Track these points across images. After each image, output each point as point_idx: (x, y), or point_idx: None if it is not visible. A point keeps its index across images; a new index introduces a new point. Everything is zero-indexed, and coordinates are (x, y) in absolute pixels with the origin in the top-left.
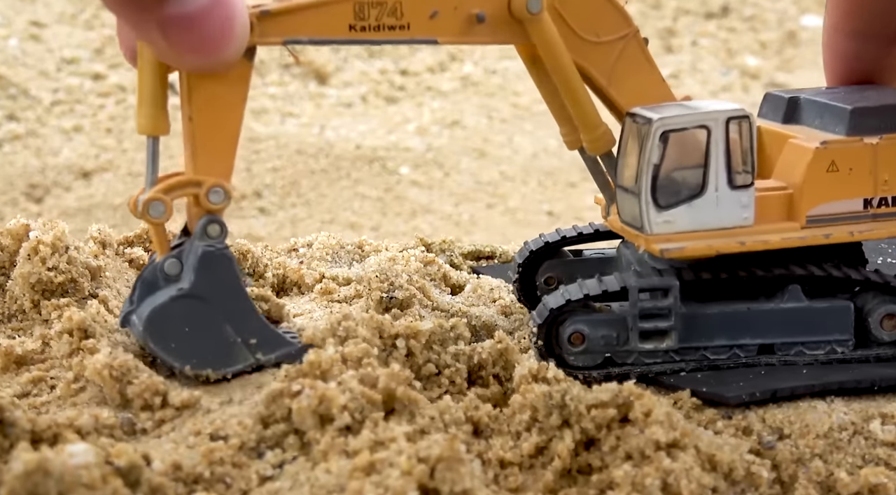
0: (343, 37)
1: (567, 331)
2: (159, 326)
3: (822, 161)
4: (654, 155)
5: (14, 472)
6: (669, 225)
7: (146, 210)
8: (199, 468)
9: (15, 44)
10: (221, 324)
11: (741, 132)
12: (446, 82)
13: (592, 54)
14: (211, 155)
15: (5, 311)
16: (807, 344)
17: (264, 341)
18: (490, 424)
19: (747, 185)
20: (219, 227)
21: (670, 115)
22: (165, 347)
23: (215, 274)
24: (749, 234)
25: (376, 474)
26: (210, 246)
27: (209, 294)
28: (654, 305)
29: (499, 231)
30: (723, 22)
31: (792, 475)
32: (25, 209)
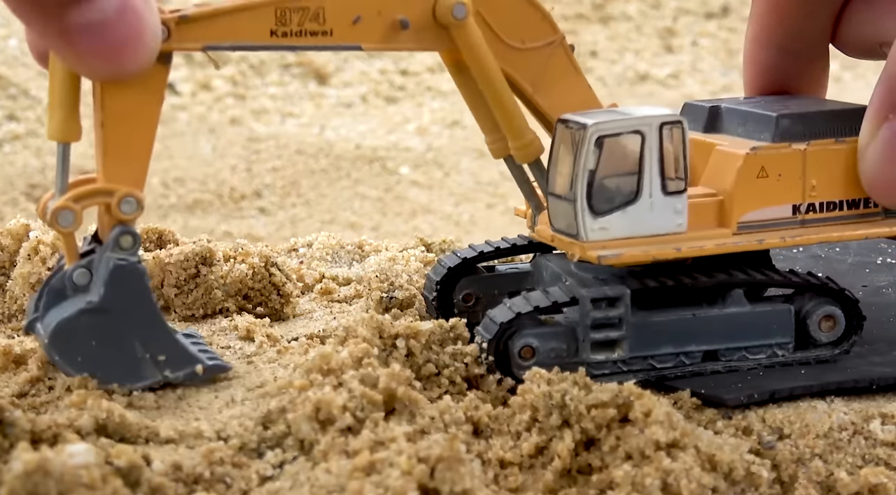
0: (265, 42)
1: (517, 344)
2: (65, 339)
3: (752, 167)
4: (589, 160)
5: (14, 472)
6: (605, 231)
7: (55, 219)
8: (199, 468)
9: (15, 44)
10: (131, 339)
11: (674, 138)
12: (446, 82)
13: (518, 61)
14: (123, 163)
15: (5, 311)
16: (749, 348)
17: (173, 358)
18: (490, 424)
19: (680, 192)
20: (131, 239)
21: (604, 120)
22: (71, 361)
23: (126, 288)
24: (683, 241)
25: (376, 474)
26: (122, 259)
27: (119, 308)
28: (605, 315)
29: (499, 231)
30: (723, 22)
31: (792, 475)
32: (25, 209)
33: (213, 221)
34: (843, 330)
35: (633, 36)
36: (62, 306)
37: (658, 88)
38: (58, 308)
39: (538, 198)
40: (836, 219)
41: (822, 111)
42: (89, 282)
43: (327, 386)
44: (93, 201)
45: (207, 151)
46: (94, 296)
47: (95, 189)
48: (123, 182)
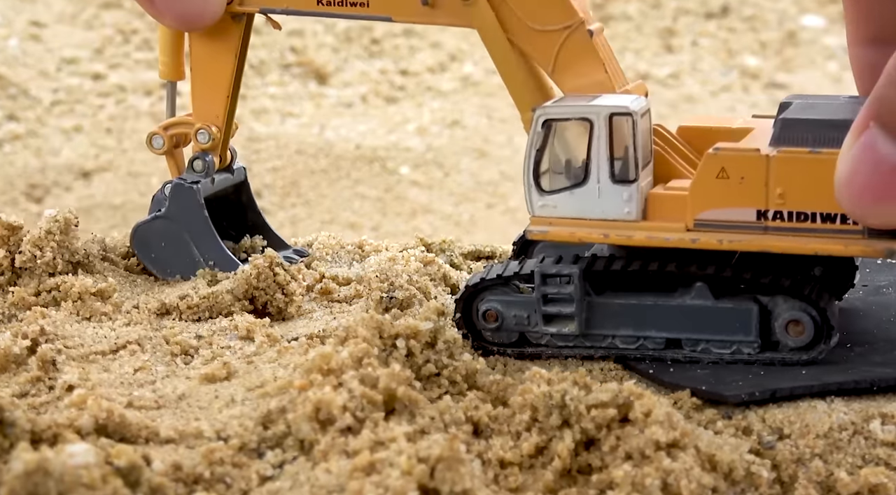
0: (312, 9)
1: (482, 307)
2: (141, 239)
3: (712, 166)
4: (536, 141)
5: (14, 472)
6: (551, 209)
7: (149, 141)
8: (199, 468)
9: (15, 44)
10: (188, 244)
11: (625, 128)
12: (446, 82)
13: (536, 41)
14: (203, 101)
15: (5, 311)
16: (712, 342)
17: (219, 263)
18: (490, 424)
19: (630, 181)
20: (202, 163)
21: (554, 105)
22: (147, 257)
23: (182, 202)
24: (618, 228)
25: (376, 474)
26: (182, 179)
27: (179, 218)
28: (557, 291)
29: (499, 231)
30: (723, 22)
31: (792, 475)
32: (25, 209)
33: None
34: (812, 337)
35: (633, 36)
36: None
37: (658, 88)
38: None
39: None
40: (807, 230)
41: (828, 119)
42: None
43: (327, 386)
44: (177, 130)
45: None
46: (164, 207)
47: (181, 120)
48: (203, 117)
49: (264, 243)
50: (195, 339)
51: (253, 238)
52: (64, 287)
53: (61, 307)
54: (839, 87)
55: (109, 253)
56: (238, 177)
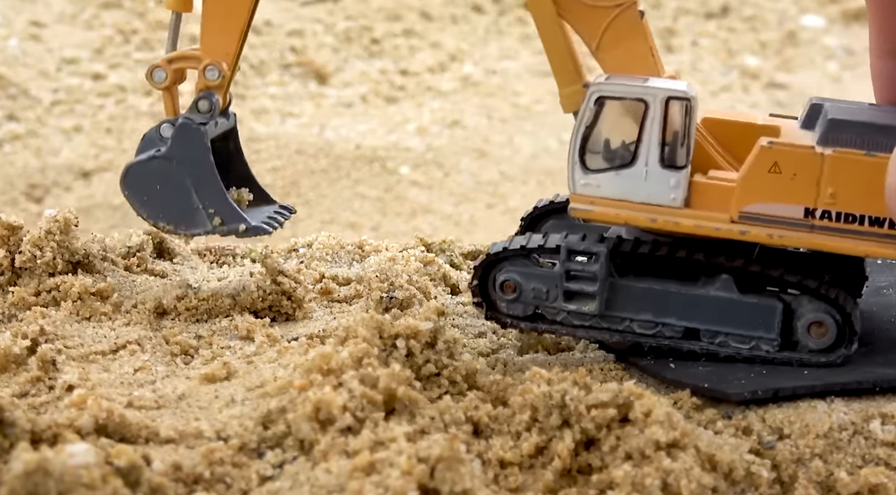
0: None
1: (500, 277)
2: (134, 179)
3: (765, 160)
4: (586, 117)
5: (14, 472)
6: (594, 188)
7: (150, 74)
8: (199, 468)
9: (15, 44)
10: (188, 190)
11: (681, 113)
12: (446, 82)
13: (586, 16)
14: (215, 35)
15: (5, 311)
16: (731, 335)
17: (221, 213)
18: (490, 424)
19: (680, 167)
20: (208, 104)
21: (610, 83)
22: (139, 199)
23: (187, 144)
24: (664, 214)
25: (376, 474)
26: (188, 118)
27: (181, 160)
28: (582, 268)
29: (499, 231)
30: (723, 22)
31: (792, 475)
32: (25, 209)
33: None
34: (834, 340)
35: None
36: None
37: None
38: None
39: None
40: (853, 232)
41: (877, 123)
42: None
43: (327, 386)
44: (183, 64)
45: None
46: (164, 146)
47: (187, 54)
48: (213, 53)
49: (250, 197)
50: (195, 339)
51: (240, 190)
52: (64, 287)
53: (61, 307)
54: (839, 86)
55: (109, 253)
56: (231, 123)
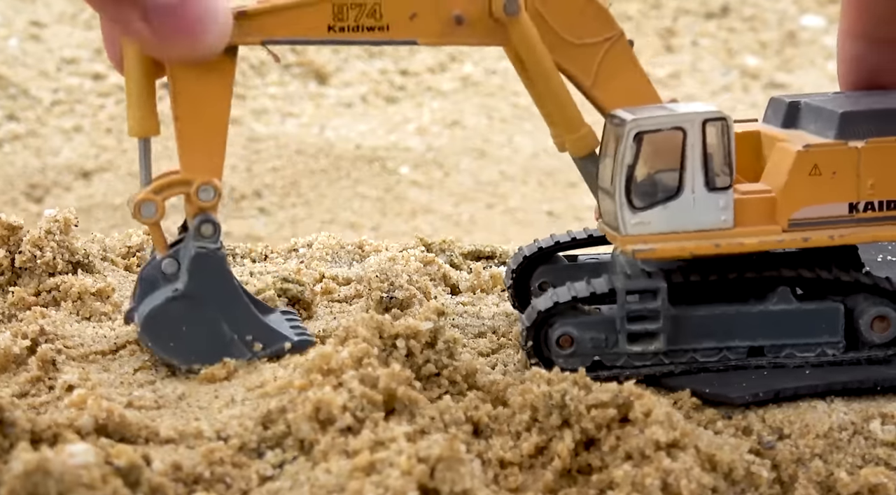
0: (322, 37)
1: (555, 333)
2: (156, 327)
3: (804, 164)
4: (627, 156)
5: (14, 472)
6: (645, 226)
7: (138, 210)
8: (199, 468)
9: (15, 44)
10: (218, 322)
11: (718, 134)
12: (446, 82)
13: (575, 56)
14: (198, 153)
15: (5, 311)
16: (796, 346)
17: (260, 336)
18: (490, 424)
19: (725, 188)
20: (212, 227)
21: (645, 116)
22: (164, 347)
23: (208, 274)
24: (725, 237)
25: (376, 474)
26: (202, 247)
27: (203, 294)
28: (643, 307)
29: (499, 231)
30: (723, 22)
31: (792, 475)
32: (25, 209)
33: None
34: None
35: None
36: (154, 295)
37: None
38: (150, 297)
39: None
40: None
41: (887, 109)
42: (177, 270)
43: (327, 386)
44: (172, 191)
45: None
46: (180, 283)
47: (175, 180)
48: (201, 171)
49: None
50: None
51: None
52: (64, 287)
53: (61, 307)
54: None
55: (109, 253)
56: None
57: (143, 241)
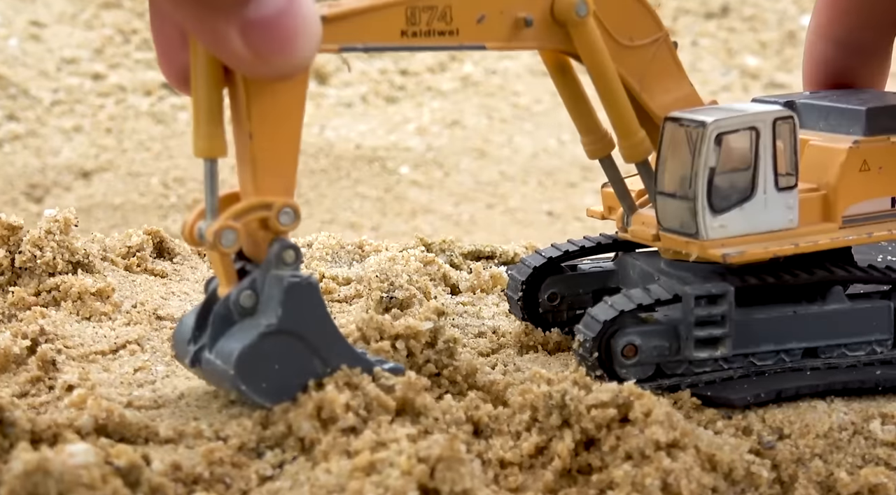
0: (395, 43)
1: (620, 343)
2: (251, 366)
3: (855, 160)
4: (710, 158)
5: (14, 472)
6: (724, 229)
7: (217, 240)
8: (199, 468)
9: (15, 44)
10: (311, 357)
11: (788, 133)
12: (446, 82)
13: (627, 58)
14: (275, 172)
15: (5, 311)
16: (849, 345)
17: (356, 367)
18: (490, 424)
19: (792, 187)
20: (293, 253)
21: (722, 117)
22: (257, 388)
23: (303, 306)
24: (798, 236)
25: (376, 474)
26: (295, 276)
27: (298, 327)
28: (709, 312)
29: (499, 231)
30: (723, 22)
31: (792, 475)
32: (25, 209)
33: None
34: None
35: None
36: (233, 333)
37: None
38: (228, 335)
39: (632, 199)
40: None
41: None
42: (256, 303)
43: (330, 385)
44: (252, 216)
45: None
46: (271, 317)
47: (253, 204)
48: (277, 192)
49: None
50: None
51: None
52: (64, 287)
53: (61, 307)
54: None
55: (109, 253)
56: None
57: (143, 241)
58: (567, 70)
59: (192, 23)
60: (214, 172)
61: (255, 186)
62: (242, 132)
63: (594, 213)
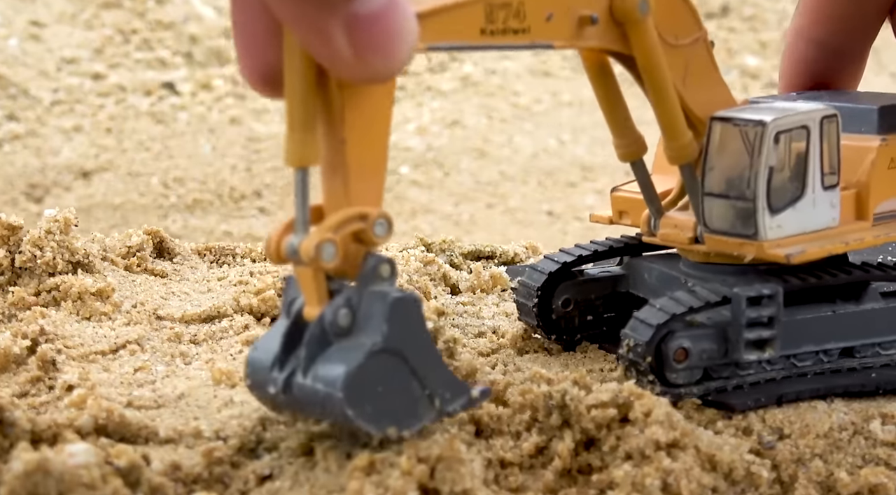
0: (475, 41)
1: (672, 347)
2: (358, 389)
3: (884, 158)
4: (770, 158)
5: (14, 472)
6: (780, 229)
7: (319, 254)
8: (198, 468)
9: (15, 44)
10: (411, 378)
11: (833, 132)
12: (446, 82)
13: (671, 57)
14: (367, 180)
15: (5, 311)
16: (883, 344)
17: (450, 390)
18: (490, 424)
19: (835, 186)
20: (389, 267)
21: (780, 116)
22: (363, 412)
23: (408, 323)
24: (843, 235)
25: (376, 474)
26: (399, 292)
27: (402, 346)
28: (759, 314)
29: (499, 231)
30: (723, 22)
31: (792, 475)
32: (25, 209)
33: (213, 221)
34: None
35: None
36: (331, 355)
37: None
38: (326, 358)
39: (660, 202)
40: None
41: None
42: (352, 322)
43: None
44: (350, 228)
45: (207, 151)
46: (376, 336)
47: (351, 214)
48: (369, 201)
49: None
50: (195, 340)
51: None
52: (64, 287)
53: (61, 307)
54: None
55: (109, 253)
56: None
57: (143, 241)
58: (607, 71)
59: (293, 17)
60: (306, 182)
61: (348, 195)
62: (335, 138)
63: (600, 219)
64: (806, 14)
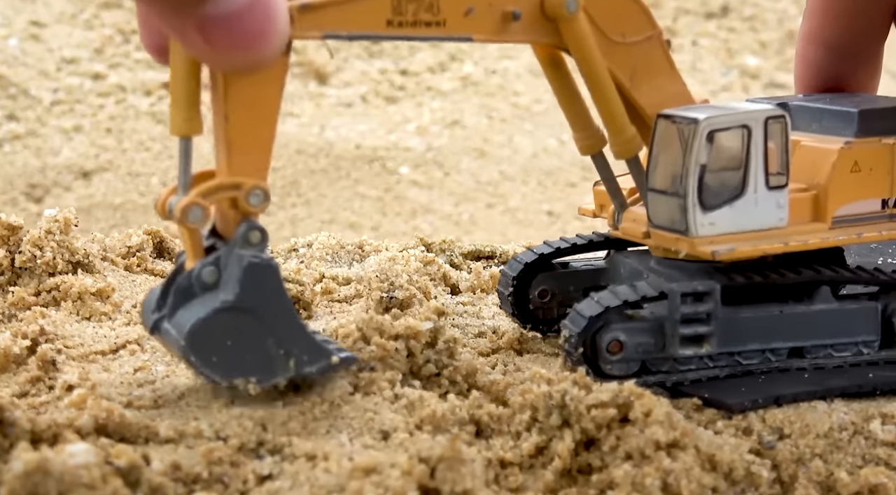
0: (380, 32)
1: (605, 339)
2: (202, 339)
3: (846, 161)
4: (701, 155)
5: (14, 472)
6: (713, 227)
7: (184, 215)
8: (198, 468)
9: (15, 44)
10: (265, 337)
11: (779, 133)
12: (446, 82)
13: (617, 55)
14: (248, 155)
15: (5, 311)
16: (835, 346)
17: (308, 353)
18: (490, 424)
19: (782, 186)
20: (259, 234)
21: (714, 115)
22: (207, 361)
23: (261, 286)
24: (787, 235)
25: (376, 474)
26: (256, 257)
27: (254, 306)
28: (694, 310)
29: (499, 231)
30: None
31: (792, 475)
32: (25, 209)
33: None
34: None
35: None
36: (192, 305)
37: None
38: (187, 307)
39: (623, 197)
40: None
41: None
42: (217, 279)
43: None
44: (221, 195)
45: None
46: (229, 294)
47: (223, 183)
48: (249, 174)
49: None
50: None
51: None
52: (64, 287)
53: (61, 307)
54: None
55: (109, 253)
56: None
57: (143, 241)
58: (560, 65)
59: (156, 16)
60: (188, 151)
61: (228, 166)
62: (219, 114)
63: (586, 211)
64: (813, 18)
